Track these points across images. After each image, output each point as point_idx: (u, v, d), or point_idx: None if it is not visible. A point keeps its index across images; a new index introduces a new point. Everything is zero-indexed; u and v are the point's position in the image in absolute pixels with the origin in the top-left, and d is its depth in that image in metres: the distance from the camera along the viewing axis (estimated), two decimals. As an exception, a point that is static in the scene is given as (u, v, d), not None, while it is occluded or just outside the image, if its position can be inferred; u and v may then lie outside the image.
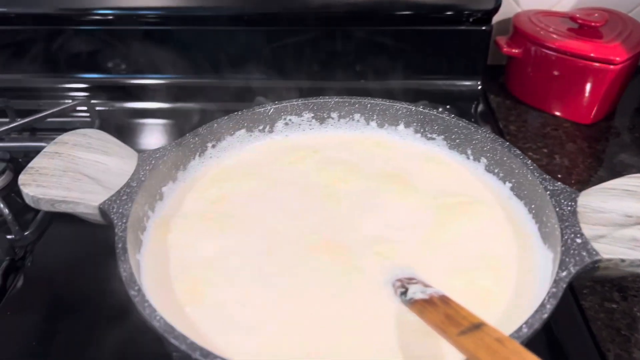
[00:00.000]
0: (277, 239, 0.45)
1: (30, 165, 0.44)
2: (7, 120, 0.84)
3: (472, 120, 0.86)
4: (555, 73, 0.84)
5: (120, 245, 0.38)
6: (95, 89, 0.92)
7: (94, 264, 0.60)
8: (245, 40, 0.88)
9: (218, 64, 0.89)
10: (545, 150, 0.80)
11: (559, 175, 0.73)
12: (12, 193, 0.71)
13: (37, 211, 0.68)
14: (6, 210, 0.64)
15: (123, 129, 0.84)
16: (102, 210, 0.42)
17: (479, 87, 0.90)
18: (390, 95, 0.62)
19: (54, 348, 0.51)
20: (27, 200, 0.43)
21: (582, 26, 0.83)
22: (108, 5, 0.84)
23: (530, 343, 0.52)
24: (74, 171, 0.44)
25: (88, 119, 0.85)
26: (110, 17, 0.85)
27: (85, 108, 0.86)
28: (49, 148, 0.46)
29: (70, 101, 0.86)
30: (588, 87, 0.83)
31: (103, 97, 0.90)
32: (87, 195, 0.43)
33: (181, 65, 0.90)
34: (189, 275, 0.42)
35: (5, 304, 0.57)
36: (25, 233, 0.65)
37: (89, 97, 0.87)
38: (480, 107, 0.90)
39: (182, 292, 0.41)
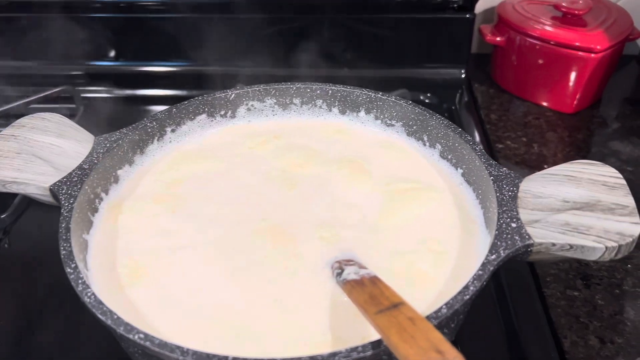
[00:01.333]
0: (226, 222, 0.46)
1: (-17, 147, 0.46)
2: (-7, 105, 0.85)
3: (454, 108, 0.87)
4: (539, 61, 0.84)
5: (63, 225, 0.39)
6: (84, 77, 0.93)
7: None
8: (230, 29, 0.88)
9: (204, 52, 0.90)
10: (524, 139, 0.80)
11: (533, 164, 0.73)
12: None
13: (14, 195, 0.70)
14: (-18, 194, 0.66)
15: (108, 117, 0.85)
16: (53, 192, 0.43)
17: (463, 76, 0.90)
18: (372, 83, 0.62)
19: (28, 324, 0.53)
20: (-21, 181, 0.44)
21: (566, 14, 0.82)
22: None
23: (487, 329, 0.53)
24: (28, 153, 0.45)
25: (73, 106, 0.86)
26: (107, 5, 0.86)
27: (69, 95, 0.88)
28: (6, 131, 0.47)
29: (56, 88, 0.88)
30: (571, 75, 0.82)
31: (90, 85, 0.92)
32: (39, 177, 0.44)
33: (169, 53, 0.91)
34: (133, 256, 0.43)
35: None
36: (2, 216, 0.67)
37: (74, 85, 0.89)
38: (464, 97, 0.90)
39: (126, 273, 0.42)
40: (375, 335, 0.33)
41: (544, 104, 0.86)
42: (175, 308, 0.39)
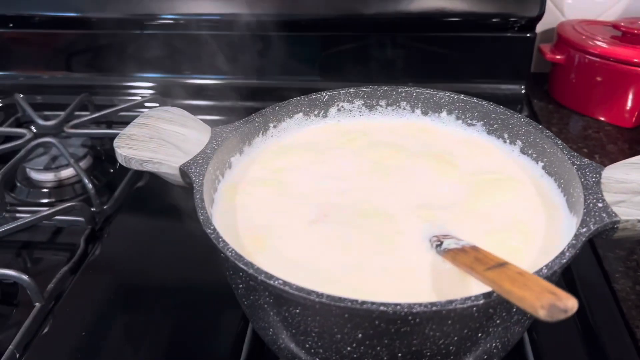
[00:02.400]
0: (331, 203, 0.52)
1: (122, 132, 0.52)
2: (87, 113, 0.94)
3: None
4: (598, 78, 0.88)
5: (198, 196, 0.45)
6: (162, 87, 1.01)
7: (162, 237, 0.69)
8: (302, 45, 0.95)
9: (274, 67, 0.97)
10: (585, 150, 0.84)
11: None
12: (92, 175, 0.80)
13: (112, 190, 0.77)
14: (90, 185, 0.73)
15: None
16: (182, 171, 0.50)
17: (523, 92, 0.95)
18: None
19: (126, 304, 0.60)
20: (120, 160, 0.50)
21: (625, 33, 0.87)
22: (174, 12, 0.93)
23: (563, 325, 0.56)
24: (159, 138, 0.52)
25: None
26: (174, 22, 0.95)
27: (157, 104, 0.96)
28: (138, 120, 0.54)
29: (139, 98, 0.96)
30: (629, 91, 0.86)
31: (169, 95, 1.00)
32: (170, 158, 0.50)
33: (239, 67, 0.98)
34: (254, 229, 0.49)
35: (87, 266, 0.65)
36: (105, 207, 0.74)
37: (156, 94, 0.97)
38: (524, 111, 0.94)
39: (249, 242, 0.47)
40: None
41: (603, 119, 0.90)
42: (296, 271, 0.44)
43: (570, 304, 0.31)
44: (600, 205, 0.43)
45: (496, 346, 0.42)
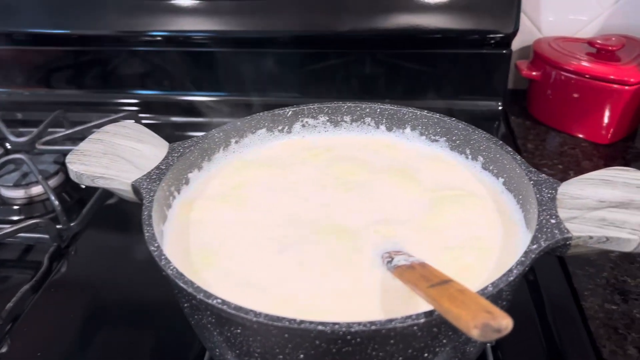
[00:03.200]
0: (289, 220, 0.51)
1: (76, 148, 0.52)
2: (62, 129, 0.93)
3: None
4: (574, 95, 0.88)
5: (146, 213, 0.44)
6: (143, 104, 1.01)
7: (129, 256, 0.68)
8: (278, 62, 0.95)
9: (255, 84, 0.96)
10: (560, 167, 0.83)
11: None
12: (64, 192, 0.80)
13: (81, 208, 0.76)
14: (56, 202, 0.73)
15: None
16: (134, 187, 0.49)
17: (500, 108, 0.95)
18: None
19: (88, 323, 0.58)
20: (72, 176, 0.50)
21: (600, 50, 0.87)
22: (158, 28, 0.93)
23: (528, 340, 0.55)
24: (113, 154, 0.51)
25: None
26: (159, 39, 0.95)
27: (132, 121, 0.95)
28: (93, 135, 0.54)
29: (114, 115, 0.96)
30: (605, 107, 0.86)
31: (149, 112, 0.99)
32: (122, 174, 0.50)
33: (222, 84, 0.98)
34: (205, 246, 0.48)
35: (49, 284, 0.64)
36: (72, 224, 0.73)
37: (136, 112, 0.96)
38: (501, 128, 0.94)
39: (199, 260, 0.46)
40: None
41: (580, 135, 0.90)
42: (244, 290, 0.43)
43: (505, 323, 0.30)
44: (553, 221, 0.43)
45: (447, 366, 0.41)
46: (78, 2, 0.94)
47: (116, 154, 0.51)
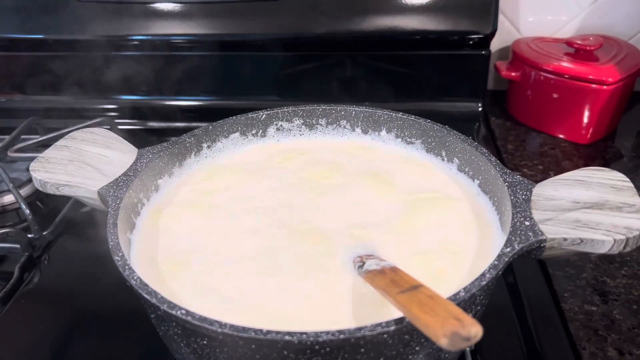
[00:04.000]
0: (261, 225, 0.50)
1: (41, 155, 0.50)
2: (37, 136, 0.91)
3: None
4: (553, 95, 0.88)
5: (111, 221, 0.43)
6: (120, 110, 0.99)
7: (103, 264, 0.66)
8: (256, 66, 0.94)
9: (235, 87, 0.95)
10: (540, 167, 0.83)
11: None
12: (37, 200, 0.78)
13: (55, 216, 0.75)
14: (27, 211, 0.71)
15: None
16: (101, 195, 0.48)
17: (480, 109, 0.94)
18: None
19: (61, 334, 0.56)
20: (36, 184, 0.48)
21: (578, 50, 0.87)
22: (135, 32, 0.91)
23: (507, 342, 0.54)
24: (79, 161, 0.50)
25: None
26: (136, 43, 0.93)
27: (108, 127, 0.93)
28: (60, 142, 0.52)
29: (89, 121, 0.94)
30: (584, 107, 0.85)
31: (126, 117, 0.98)
32: (88, 181, 0.48)
33: (202, 88, 0.97)
34: (174, 255, 0.47)
35: (20, 295, 0.62)
36: (44, 232, 0.71)
37: (112, 117, 0.95)
38: (481, 129, 0.93)
39: (166, 269, 0.45)
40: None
41: (560, 135, 0.89)
42: (212, 298, 0.42)
43: (474, 331, 0.30)
44: (527, 223, 0.42)
45: (422, 374, 0.40)
46: (51, 7, 0.93)
47: (82, 160, 0.50)
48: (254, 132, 0.60)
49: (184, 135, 0.56)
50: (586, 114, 0.86)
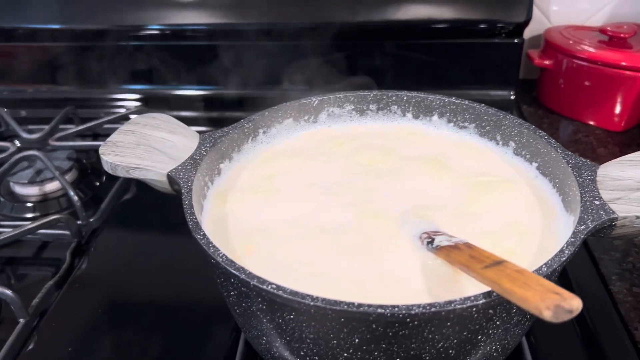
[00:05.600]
0: (322, 207, 0.51)
1: (108, 139, 0.51)
2: (73, 125, 0.92)
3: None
4: (586, 83, 0.88)
5: (187, 202, 0.44)
6: (147, 100, 1.00)
7: (149, 251, 0.67)
8: (286, 55, 0.94)
9: (260, 77, 0.96)
10: (577, 154, 0.84)
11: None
12: (77, 188, 0.79)
13: (97, 203, 0.76)
14: (75, 198, 0.72)
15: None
16: (170, 177, 0.48)
17: (512, 97, 0.95)
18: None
19: (115, 319, 0.58)
20: (106, 167, 0.49)
21: (612, 38, 0.87)
22: (159, 22, 0.92)
23: (561, 328, 0.55)
24: (145, 145, 0.51)
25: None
26: (167, 32, 0.94)
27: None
28: (124, 127, 0.53)
29: (124, 110, 0.95)
30: (618, 95, 0.86)
31: (154, 107, 0.98)
32: (157, 164, 0.49)
33: (224, 78, 0.97)
34: (245, 235, 0.47)
35: (73, 280, 0.63)
36: (91, 220, 0.72)
37: (142, 106, 0.96)
38: (514, 117, 0.94)
39: (239, 247, 0.46)
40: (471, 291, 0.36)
41: (592, 123, 0.90)
42: (288, 276, 0.43)
43: (576, 304, 0.30)
44: (597, 202, 0.43)
45: (496, 349, 0.41)
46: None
47: (149, 144, 0.51)
48: (306, 117, 0.61)
49: (243, 121, 0.57)
50: (620, 101, 0.86)
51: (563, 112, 0.93)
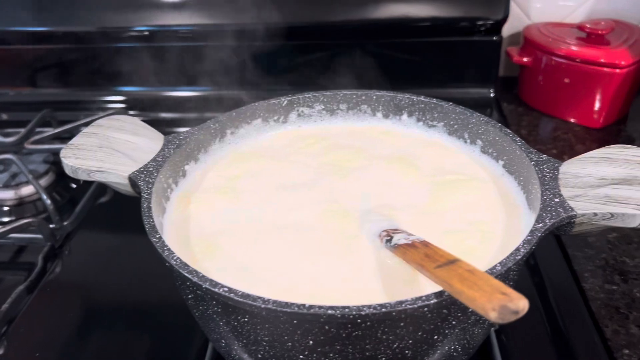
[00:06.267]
0: (287, 209, 0.50)
1: (70, 142, 0.51)
2: (50, 129, 0.92)
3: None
4: (565, 80, 0.88)
5: (145, 205, 0.44)
6: (130, 102, 0.99)
7: (124, 254, 0.67)
8: (268, 54, 0.94)
9: (244, 78, 0.95)
10: (554, 151, 0.84)
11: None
12: (54, 191, 0.79)
13: (74, 206, 0.75)
14: (48, 201, 0.71)
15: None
16: (132, 180, 0.48)
17: (492, 95, 0.95)
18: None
19: (86, 323, 0.58)
20: (67, 171, 0.49)
21: (590, 34, 0.87)
22: (141, 23, 0.91)
23: (531, 321, 0.55)
24: (108, 147, 0.50)
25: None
26: (146, 34, 0.93)
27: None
28: (87, 129, 0.53)
29: (103, 112, 0.94)
30: (597, 91, 0.86)
31: (137, 109, 0.98)
32: (119, 167, 0.49)
33: (211, 79, 0.97)
34: (206, 237, 0.47)
35: (44, 285, 0.63)
36: (64, 223, 0.72)
37: (124, 109, 0.95)
38: (494, 115, 0.94)
39: (200, 250, 0.46)
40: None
41: (572, 120, 0.90)
42: (247, 278, 0.43)
43: (522, 304, 0.30)
44: (556, 200, 0.42)
45: (455, 349, 0.41)
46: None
47: (111, 147, 0.51)
48: (275, 118, 0.61)
49: (209, 122, 0.56)
50: (598, 98, 0.86)
51: (543, 110, 0.93)
